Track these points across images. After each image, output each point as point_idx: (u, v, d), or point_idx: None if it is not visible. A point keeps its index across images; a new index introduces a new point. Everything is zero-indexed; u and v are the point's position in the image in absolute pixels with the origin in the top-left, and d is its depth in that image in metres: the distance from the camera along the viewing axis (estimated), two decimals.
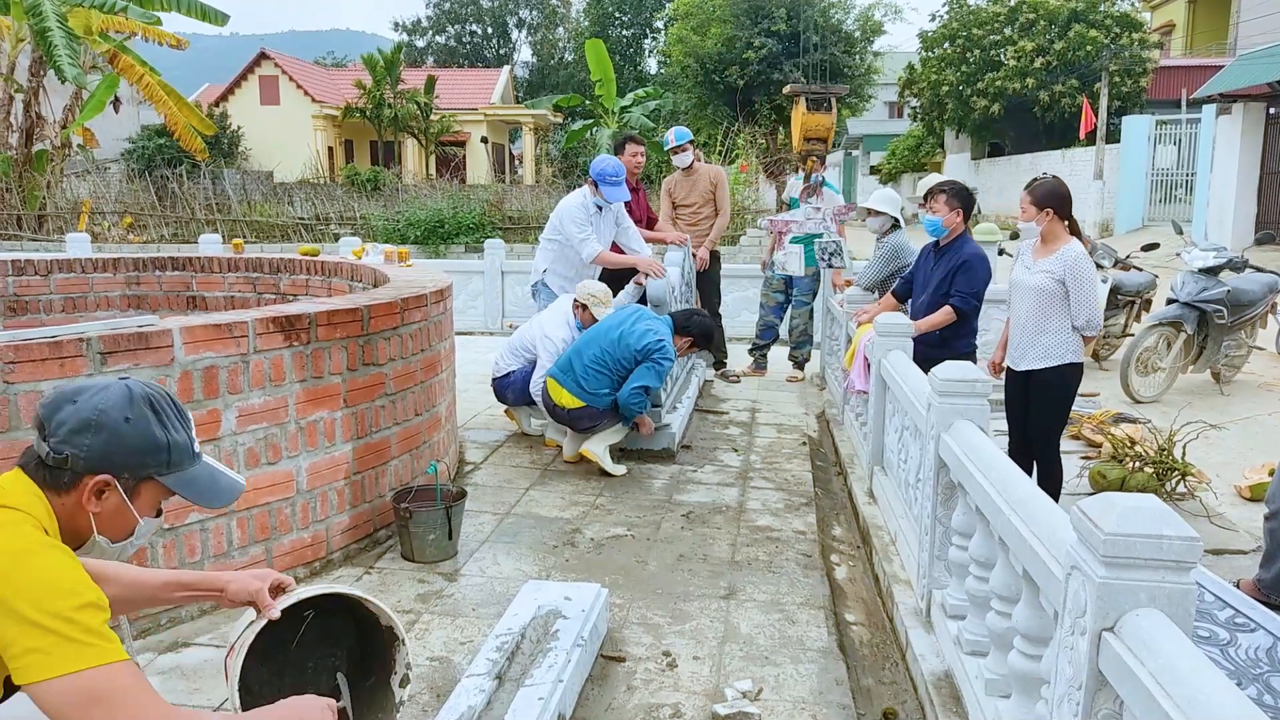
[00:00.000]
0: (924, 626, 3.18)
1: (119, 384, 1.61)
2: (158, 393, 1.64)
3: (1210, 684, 1.47)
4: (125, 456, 1.56)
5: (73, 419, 1.54)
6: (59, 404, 1.57)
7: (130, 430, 1.56)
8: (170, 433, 1.61)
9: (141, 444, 1.57)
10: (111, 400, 1.57)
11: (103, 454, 1.54)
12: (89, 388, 1.59)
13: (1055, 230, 4.17)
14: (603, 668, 2.97)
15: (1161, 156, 20.99)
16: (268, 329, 3.35)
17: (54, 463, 1.52)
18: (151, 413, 1.59)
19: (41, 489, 1.52)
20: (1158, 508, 1.75)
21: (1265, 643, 3.28)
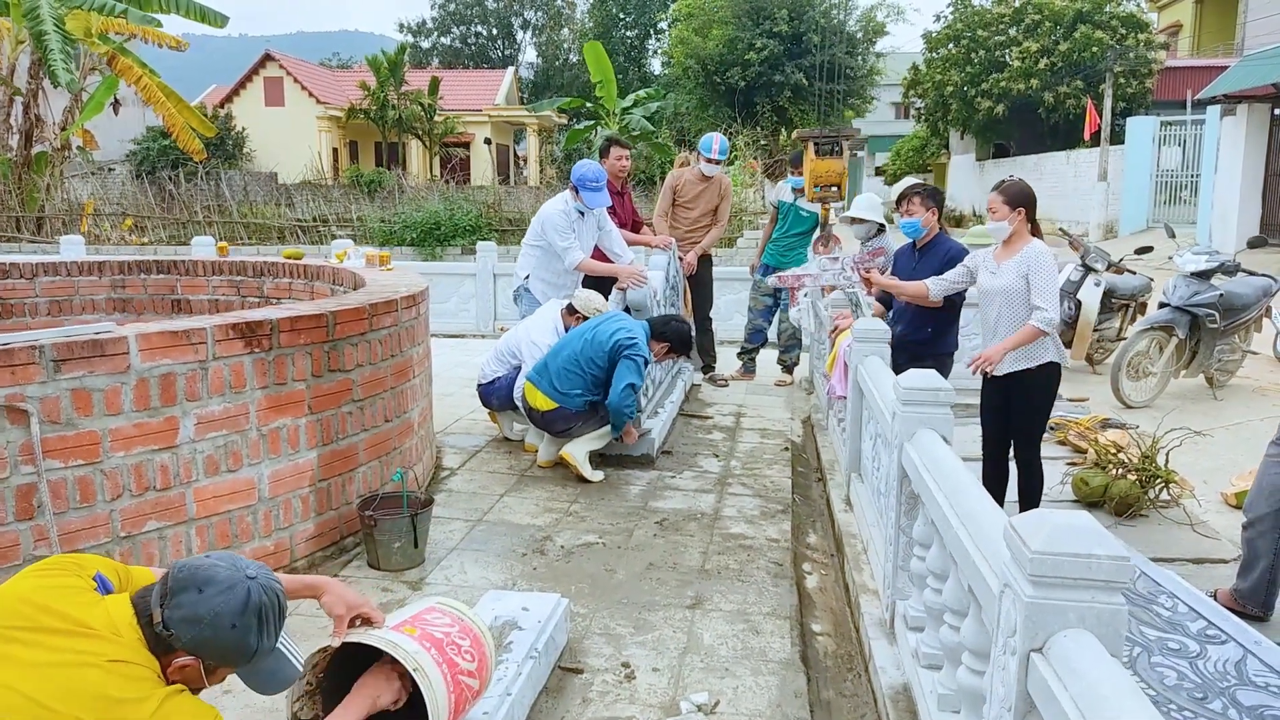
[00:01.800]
0: (887, 638, 3.14)
1: (242, 588, 1.73)
2: (270, 603, 1.77)
3: (1130, 708, 1.43)
4: (218, 652, 1.73)
5: (190, 608, 1.69)
6: (188, 585, 1.71)
7: (231, 636, 1.71)
8: (263, 640, 1.76)
9: (235, 648, 1.73)
10: (230, 606, 1.70)
11: (200, 645, 1.70)
12: (217, 582, 1.71)
13: (1020, 231, 4.17)
14: (559, 679, 2.94)
15: (1166, 158, 20.88)
16: (227, 335, 3.33)
17: (160, 632, 1.69)
18: (256, 623, 1.74)
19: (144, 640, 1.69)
20: (1089, 526, 1.71)
21: (1235, 655, 3.23)
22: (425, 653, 2.10)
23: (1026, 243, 4.16)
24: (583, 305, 5.28)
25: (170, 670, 1.71)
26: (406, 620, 2.22)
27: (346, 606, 2.12)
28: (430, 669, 2.09)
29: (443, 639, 2.20)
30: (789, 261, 7.26)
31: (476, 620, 2.40)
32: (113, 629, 1.64)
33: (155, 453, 3.15)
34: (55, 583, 1.68)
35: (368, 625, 2.15)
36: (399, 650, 2.07)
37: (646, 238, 6.82)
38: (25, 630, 1.58)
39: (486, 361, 5.46)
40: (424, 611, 2.29)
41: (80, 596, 1.67)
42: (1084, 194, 22.11)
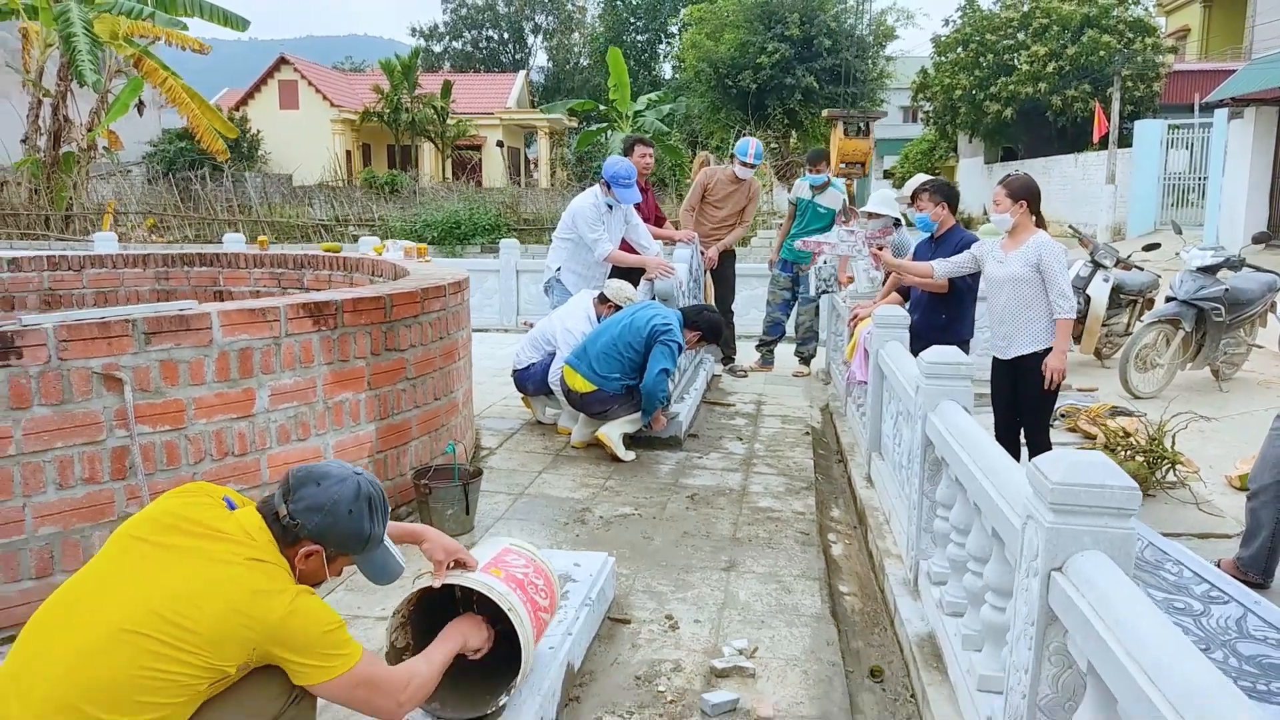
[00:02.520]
0: (911, 594, 3.38)
1: (353, 480, 1.98)
2: (377, 494, 2.02)
3: (1138, 610, 1.66)
4: (338, 538, 1.95)
5: (312, 498, 1.92)
6: (306, 480, 1.95)
7: (348, 521, 1.94)
8: (374, 527, 1.99)
9: (352, 532, 1.96)
10: (344, 494, 1.94)
11: (323, 532, 1.93)
12: (331, 475, 1.97)
13: (1024, 222, 4.40)
14: (609, 628, 3.18)
15: (1174, 161, 21.05)
16: (298, 314, 3.58)
17: (287, 524, 1.91)
18: (368, 509, 1.98)
19: (273, 538, 1.91)
20: (1102, 462, 1.95)
21: (1236, 613, 3.46)
22: (513, 594, 2.34)
23: (1032, 234, 4.38)
24: (614, 294, 5.53)
25: (296, 560, 1.92)
26: (490, 563, 2.45)
27: (445, 552, 2.35)
28: (520, 610, 2.33)
29: (523, 579, 2.45)
30: (806, 256, 7.50)
31: (544, 559, 2.65)
32: (246, 534, 1.87)
33: (234, 421, 3.40)
34: (191, 500, 1.93)
35: (462, 569, 2.38)
36: (494, 592, 2.30)
37: (669, 232, 7.07)
38: (170, 536, 1.81)
39: (521, 348, 5.71)
40: (502, 554, 2.54)
41: (214, 510, 1.91)
42: (1092, 197, 22.30)
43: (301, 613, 1.82)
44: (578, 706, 2.70)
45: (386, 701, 1.97)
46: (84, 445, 3.08)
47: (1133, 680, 1.50)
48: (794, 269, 7.59)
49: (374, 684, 1.93)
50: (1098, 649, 1.65)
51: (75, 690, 1.63)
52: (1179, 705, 1.38)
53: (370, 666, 1.93)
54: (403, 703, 2.01)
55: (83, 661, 1.66)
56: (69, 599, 1.77)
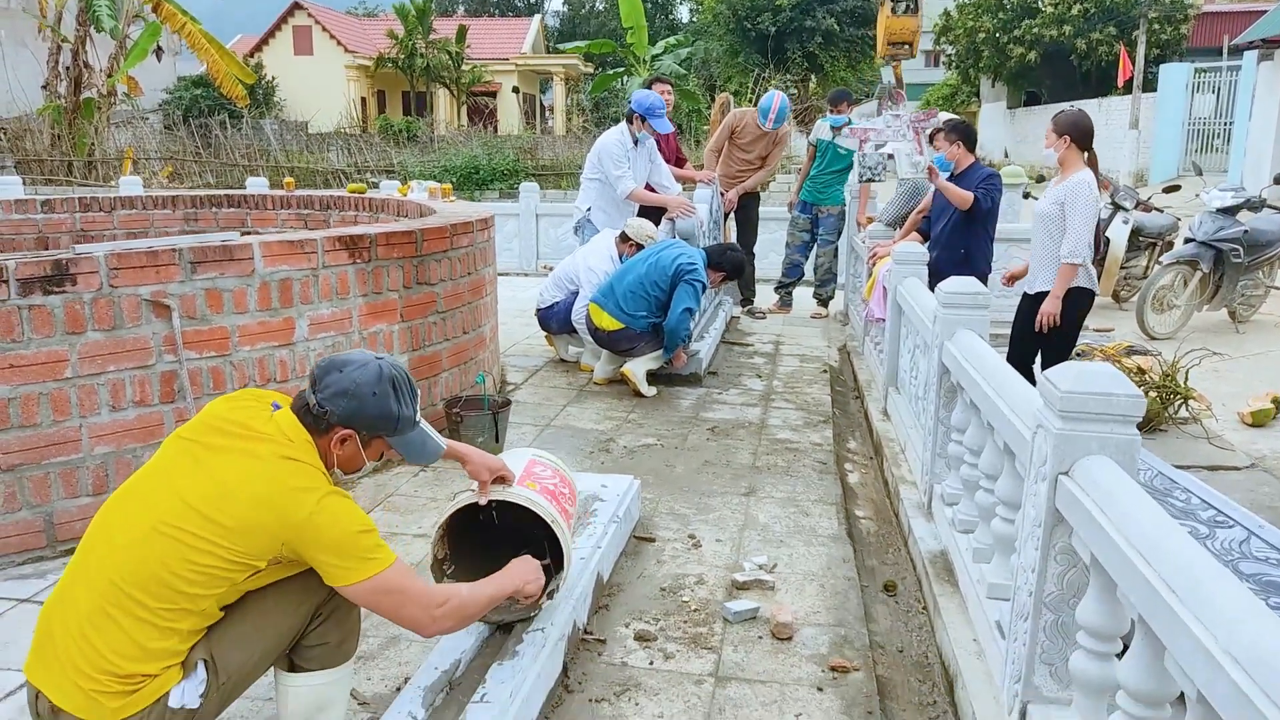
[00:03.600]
0: (924, 516, 3.51)
1: (375, 364, 2.01)
2: (401, 375, 2.03)
3: (1139, 506, 1.78)
4: (367, 420, 1.97)
5: (337, 384, 1.95)
6: (330, 369, 1.98)
7: (375, 402, 1.97)
8: (402, 408, 2.01)
9: (380, 413, 1.98)
10: (367, 376, 1.96)
11: (352, 415, 1.95)
12: (353, 361, 2.00)
13: (1071, 158, 4.35)
14: (635, 546, 3.34)
15: (1200, 105, 20.72)
16: (334, 246, 3.71)
17: (317, 413, 1.95)
18: (393, 390, 1.99)
19: (308, 431, 1.96)
20: (1109, 372, 2.06)
21: (1240, 536, 3.58)
22: (552, 506, 2.47)
23: (1076, 171, 4.36)
24: (635, 233, 5.62)
25: (332, 446, 1.96)
26: (525, 476, 2.57)
27: (490, 471, 2.41)
28: (561, 521, 2.46)
29: (554, 489, 2.58)
30: (826, 198, 7.55)
31: (562, 464, 2.80)
32: (283, 435, 1.93)
33: (275, 349, 3.55)
34: (238, 405, 2.01)
35: (504, 485, 2.46)
36: (539, 508, 2.41)
37: (690, 173, 7.12)
38: (213, 436, 1.91)
39: (545, 288, 5.83)
40: (530, 466, 2.65)
41: (258, 413, 1.98)
42: (1115, 142, 22.00)
43: (329, 511, 1.86)
44: (607, 614, 2.86)
45: (418, 612, 1.97)
46: (135, 369, 3.23)
47: (1131, 564, 1.62)
48: (813, 210, 7.64)
49: (404, 592, 1.93)
50: (1099, 539, 1.77)
51: (126, 579, 1.76)
52: (1172, 581, 1.50)
53: (401, 576, 1.93)
54: (437, 617, 2.00)
55: (130, 554, 1.78)
56: (126, 495, 1.90)
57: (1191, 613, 1.42)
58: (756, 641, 2.73)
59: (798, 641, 2.73)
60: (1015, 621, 2.22)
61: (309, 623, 1.99)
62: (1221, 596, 1.40)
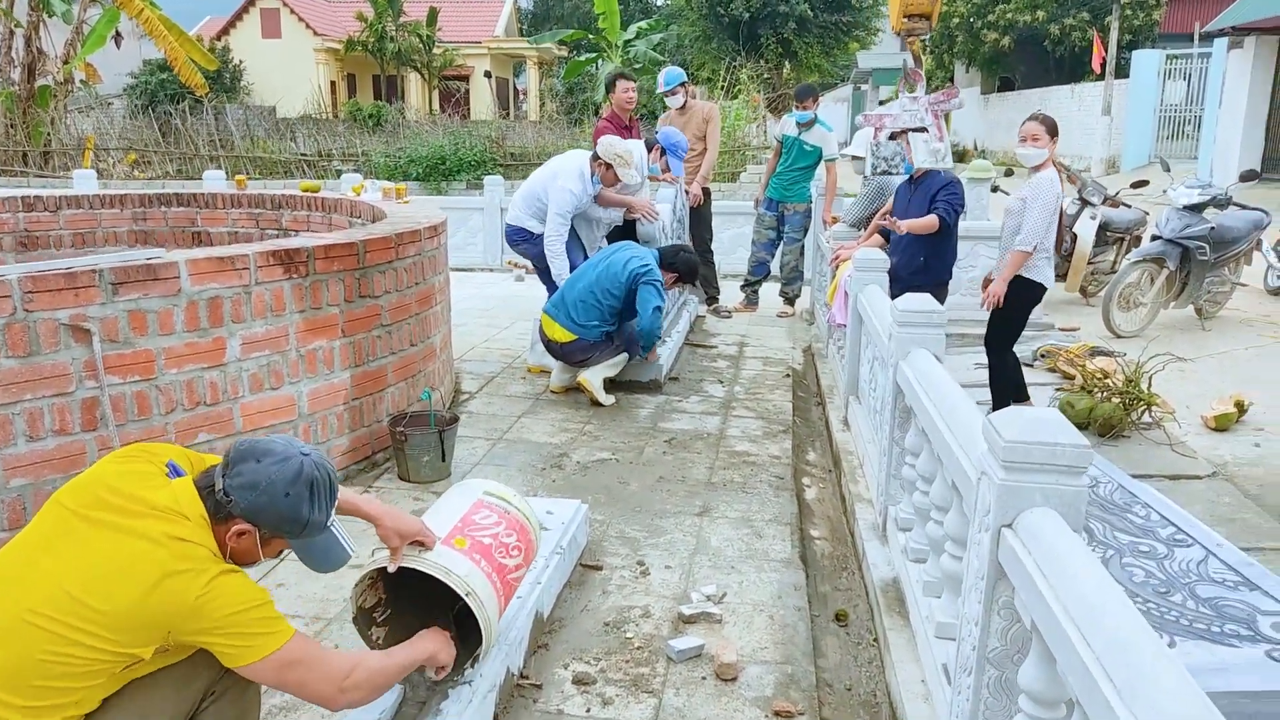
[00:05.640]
0: (879, 539, 3.43)
1: (296, 460, 1.86)
2: (322, 476, 1.89)
3: (1081, 569, 1.69)
4: (272, 519, 1.85)
5: (249, 475, 1.82)
6: (246, 456, 1.85)
7: (285, 503, 1.84)
8: (314, 513, 1.88)
9: (288, 515, 1.85)
10: (284, 474, 1.83)
11: (257, 511, 1.83)
12: (274, 453, 1.86)
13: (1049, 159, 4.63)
14: (581, 575, 3.23)
15: (1171, 92, 20.77)
16: (268, 261, 3.55)
17: (221, 499, 1.82)
18: (309, 492, 1.86)
19: (206, 512, 1.83)
20: (1055, 419, 1.96)
21: (1199, 556, 3.52)
22: (476, 570, 2.28)
23: (1044, 170, 4.60)
24: (604, 151, 5.40)
25: (229, 537, 1.82)
26: (458, 526, 2.40)
27: (400, 536, 2.23)
28: (481, 589, 2.27)
29: (491, 544, 2.39)
30: (792, 195, 7.44)
31: (521, 507, 2.60)
32: (176, 509, 1.77)
33: (205, 370, 3.40)
34: (128, 468, 1.85)
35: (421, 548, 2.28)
36: (451, 577, 2.23)
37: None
38: (97, 510, 1.75)
39: (513, 204, 5.74)
40: (472, 511, 2.48)
41: (150, 480, 1.83)
42: (1088, 129, 22.06)
43: (218, 593, 1.73)
44: (546, 654, 2.76)
45: (324, 686, 1.86)
46: (53, 397, 3.07)
47: (1069, 641, 1.53)
48: (779, 208, 7.53)
49: (308, 666, 1.82)
50: (1039, 608, 1.68)
51: None
52: (1110, 667, 1.41)
53: (303, 648, 1.82)
54: (345, 689, 1.90)
55: None
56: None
57: (1127, 708, 1.32)
58: (700, 683, 2.63)
59: (742, 682, 2.64)
60: (959, 674, 2.14)
61: (201, 701, 1.85)
62: (1164, 692, 1.31)
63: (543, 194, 5.47)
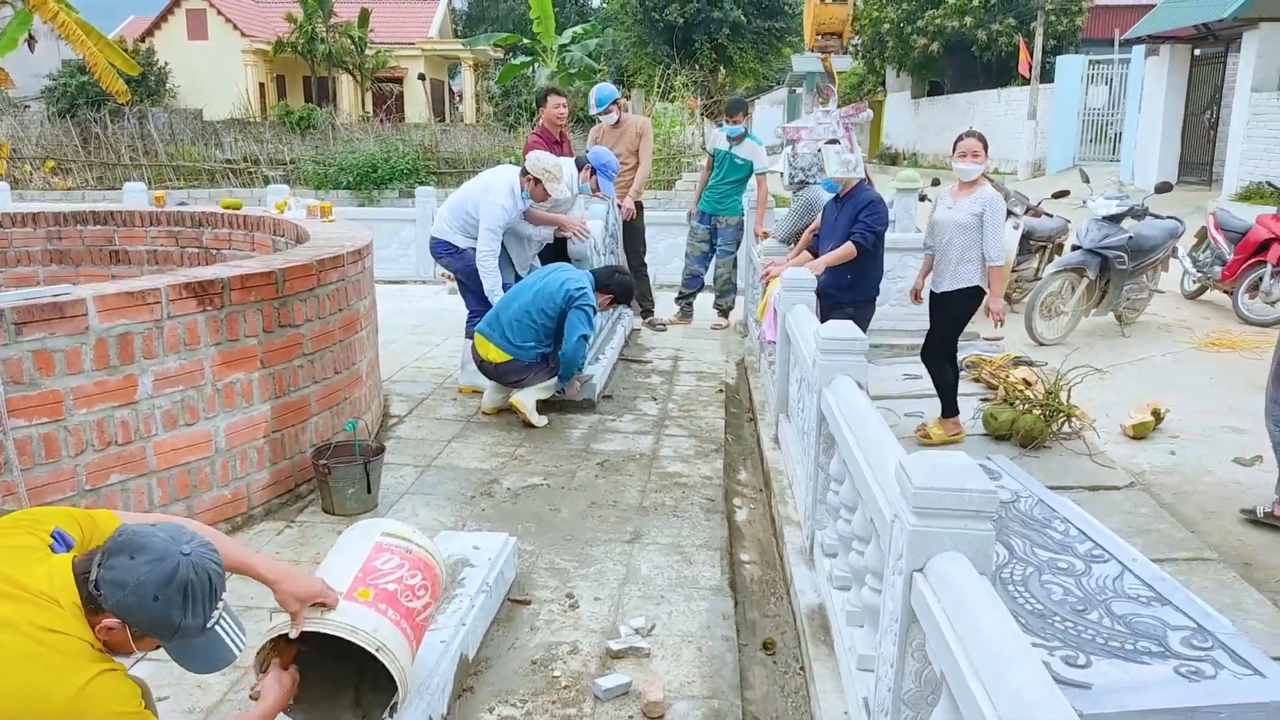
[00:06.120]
0: (806, 563, 3.46)
1: (173, 561, 1.74)
2: (199, 580, 1.78)
3: (988, 619, 1.72)
4: (140, 622, 1.75)
5: (120, 572, 1.71)
6: (122, 549, 1.74)
7: (154, 607, 1.73)
8: (187, 618, 1.77)
9: (156, 620, 1.75)
10: (155, 576, 1.72)
11: (123, 610, 1.72)
12: (150, 549, 1.74)
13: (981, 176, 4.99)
14: (509, 610, 3.20)
15: (1094, 96, 21.39)
16: (181, 295, 3.45)
17: (92, 591, 1.72)
18: (182, 597, 1.75)
19: (80, 600, 1.72)
20: (964, 464, 1.99)
21: (1115, 572, 3.63)
22: (384, 621, 2.24)
23: (984, 185, 5.05)
24: (533, 166, 5.35)
25: (99, 630, 1.73)
26: (359, 576, 2.33)
27: (299, 601, 2.16)
28: (391, 642, 2.23)
29: (396, 590, 2.34)
30: (724, 209, 7.48)
31: (423, 544, 2.54)
32: (51, 594, 1.68)
33: (116, 409, 3.29)
34: (8, 539, 1.76)
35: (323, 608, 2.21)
36: (359, 634, 2.19)
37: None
38: None
39: (440, 215, 5.64)
40: (371, 557, 2.41)
41: (29, 556, 1.73)
42: (1014, 133, 22.59)
43: (92, 695, 1.64)
44: (471, 697, 2.72)
45: None
46: None
47: (975, 701, 1.55)
48: (711, 221, 7.56)
49: None
50: (948, 660, 1.71)
51: None
52: None
53: None
54: None
55: None
56: None
57: None
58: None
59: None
60: (877, 713, 2.16)
61: None
62: None
63: (472, 209, 5.41)
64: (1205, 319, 8.25)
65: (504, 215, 5.37)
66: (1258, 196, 13.16)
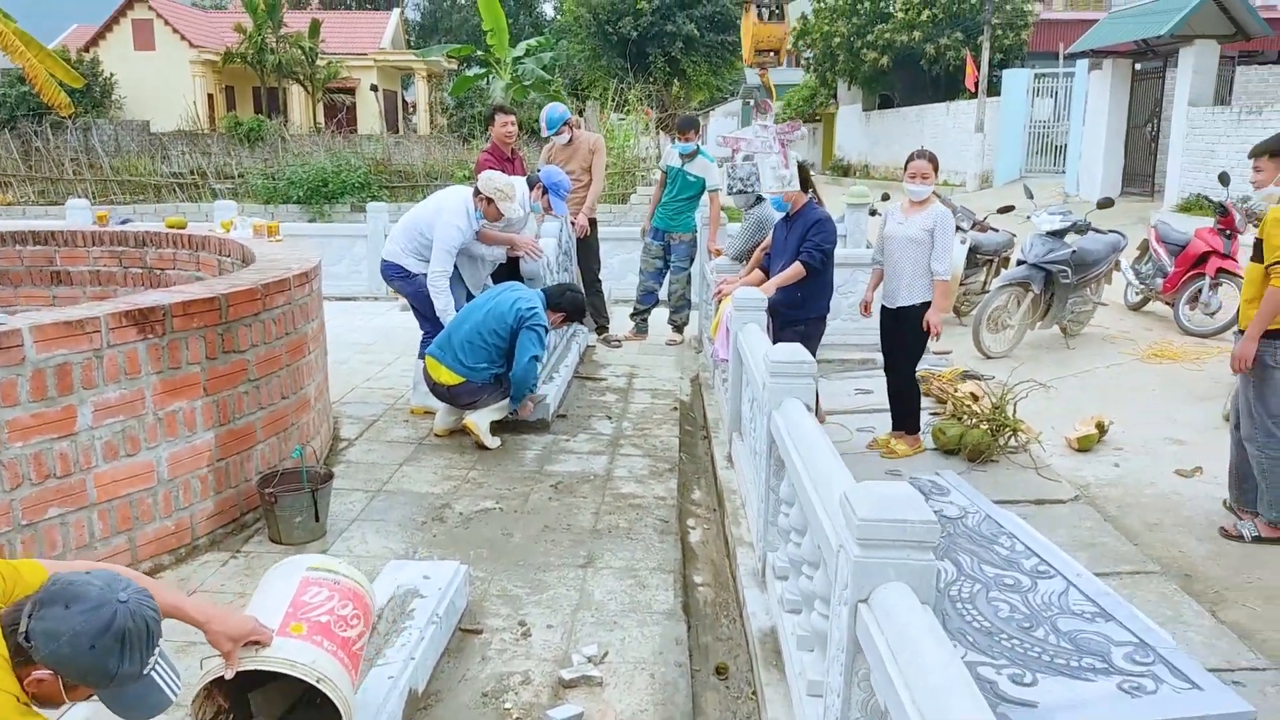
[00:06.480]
0: (759, 585, 3.47)
1: (109, 610, 1.71)
2: (137, 628, 1.75)
3: (931, 652, 1.73)
4: (74, 673, 1.72)
5: (53, 623, 1.68)
6: (55, 599, 1.71)
7: (89, 656, 1.70)
8: (123, 665, 1.74)
9: (92, 669, 1.72)
10: (91, 626, 1.69)
11: (56, 661, 1.69)
12: (86, 599, 1.70)
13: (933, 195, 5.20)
14: (460, 640, 3.17)
15: (1039, 109, 21.84)
16: (121, 323, 3.38)
17: (22, 643, 1.68)
18: (119, 645, 1.72)
19: (8, 652, 1.68)
20: (907, 495, 2.02)
21: (1060, 588, 3.69)
22: (321, 653, 2.22)
23: (935, 203, 5.17)
24: (485, 185, 5.33)
25: (27, 683, 1.70)
26: (290, 612, 2.32)
27: (231, 641, 2.15)
28: (329, 668, 2.21)
29: (329, 621, 2.34)
30: (678, 225, 7.51)
31: (350, 574, 2.54)
32: None
33: (54, 441, 3.21)
34: None
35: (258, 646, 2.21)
36: (298, 667, 2.17)
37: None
38: None
39: (393, 236, 5.54)
40: (299, 592, 2.40)
41: None
42: (962, 145, 22.99)
43: None
44: None
45: None
46: None
47: None
48: (665, 237, 7.59)
49: None
50: (891, 696, 1.72)
51: None
52: None
53: None
54: None
55: None
56: None
57: None
58: None
59: None
60: None
61: None
62: None
63: (425, 229, 5.36)
64: (1148, 330, 8.45)
65: (459, 235, 5.33)
66: (1197, 208, 13.54)
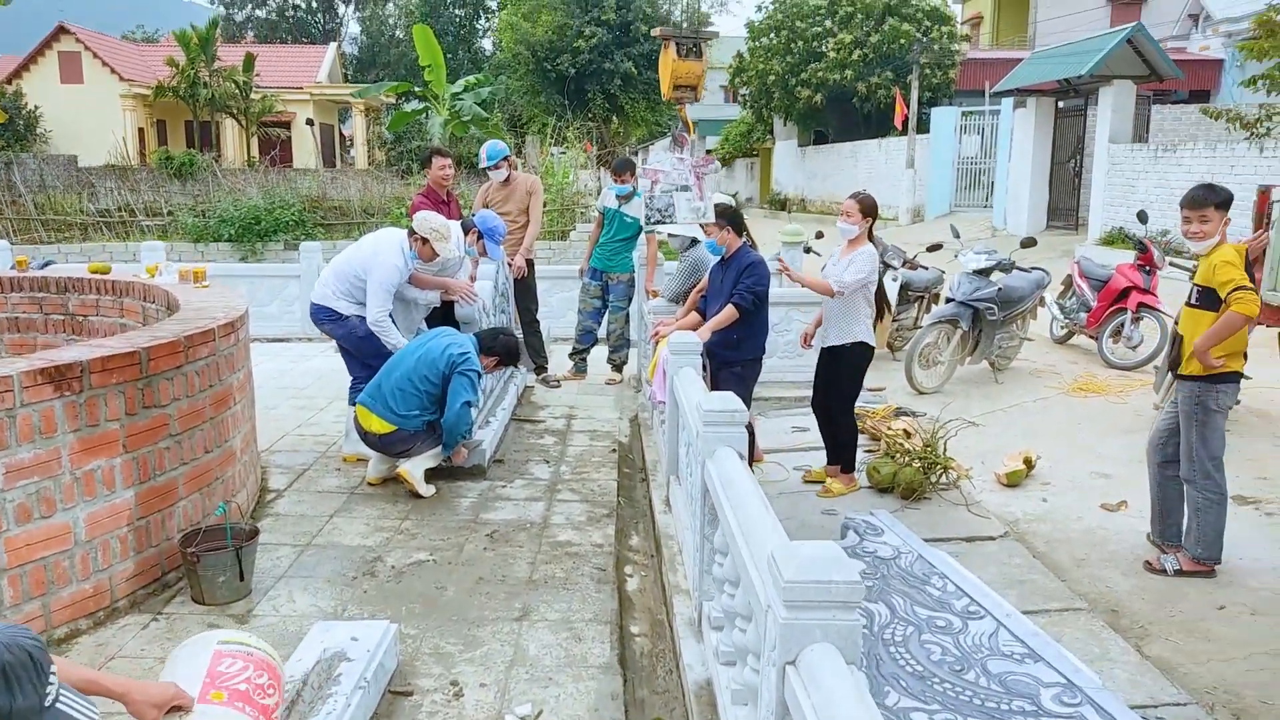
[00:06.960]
0: (695, 635, 3.46)
1: None
2: (19, 658, 1.69)
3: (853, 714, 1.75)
4: None
5: None
6: None
7: None
8: (17, 700, 1.68)
9: None
10: None
11: None
12: None
13: (863, 236, 5.27)
14: (390, 703, 3.10)
15: (967, 145, 22.52)
16: (35, 381, 3.27)
17: None
18: (3, 681, 1.66)
19: None
20: (832, 555, 2.04)
21: (990, 629, 3.75)
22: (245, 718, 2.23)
23: (864, 245, 5.24)
24: (420, 225, 5.27)
25: None
26: (207, 682, 2.30)
27: (155, 708, 2.12)
28: None
29: (248, 689, 2.34)
30: (615, 265, 7.55)
31: (261, 646, 2.56)
32: None
33: None
34: None
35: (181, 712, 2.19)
36: None
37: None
38: None
39: (324, 279, 5.41)
40: (213, 664, 2.38)
41: None
42: (895, 180, 23.56)
43: None
44: None
45: None
46: None
47: None
48: (604, 277, 7.62)
49: None
50: None
51: None
52: None
53: None
54: None
55: None
56: None
57: None
58: None
59: None
60: None
61: None
62: None
63: (360, 271, 5.28)
64: (1073, 364, 8.69)
65: (397, 275, 5.28)
66: (1119, 241, 14.04)
